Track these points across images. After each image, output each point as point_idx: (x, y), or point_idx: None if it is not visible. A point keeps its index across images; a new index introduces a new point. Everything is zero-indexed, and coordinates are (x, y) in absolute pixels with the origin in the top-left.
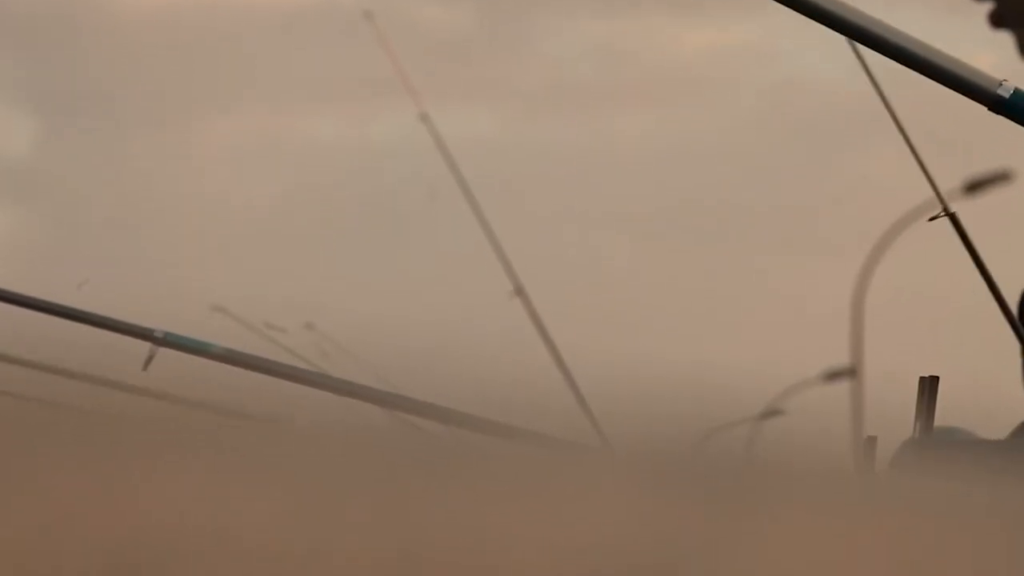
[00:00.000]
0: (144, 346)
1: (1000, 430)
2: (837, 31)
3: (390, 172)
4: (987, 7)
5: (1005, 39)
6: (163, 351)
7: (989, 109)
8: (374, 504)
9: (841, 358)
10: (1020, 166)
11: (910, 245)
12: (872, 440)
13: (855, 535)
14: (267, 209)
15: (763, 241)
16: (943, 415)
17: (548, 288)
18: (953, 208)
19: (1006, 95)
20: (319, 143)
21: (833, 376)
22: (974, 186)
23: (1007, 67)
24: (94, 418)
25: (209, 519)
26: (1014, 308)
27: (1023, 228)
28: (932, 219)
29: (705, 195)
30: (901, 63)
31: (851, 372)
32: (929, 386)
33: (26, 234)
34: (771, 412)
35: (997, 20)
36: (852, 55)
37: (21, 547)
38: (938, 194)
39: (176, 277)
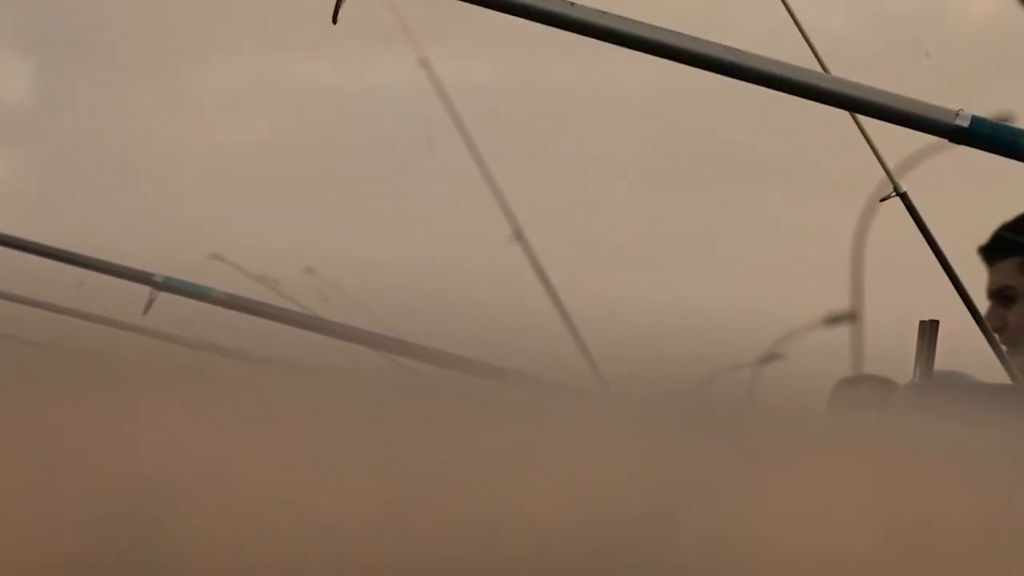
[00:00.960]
0: (144, 291)
1: (1000, 374)
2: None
3: (390, 117)
4: None
5: None
6: (163, 296)
7: (950, 140)
8: (372, 447)
9: (841, 303)
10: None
11: (911, 189)
12: None
13: (855, 478)
14: (266, 154)
15: (764, 185)
16: (943, 359)
17: (547, 232)
18: (904, 188)
19: (965, 124)
20: (319, 88)
21: (833, 320)
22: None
23: (1006, 10)
24: (94, 360)
25: (207, 460)
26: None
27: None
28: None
29: (705, 139)
30: (851, 110)
31: (851, 317)
32: (929, 330)
33: (25, 178)
34: (771, 356)
35: None
36: None
37: (20, 488)
38: (889, 174)
39: (175, 223)
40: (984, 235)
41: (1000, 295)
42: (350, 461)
